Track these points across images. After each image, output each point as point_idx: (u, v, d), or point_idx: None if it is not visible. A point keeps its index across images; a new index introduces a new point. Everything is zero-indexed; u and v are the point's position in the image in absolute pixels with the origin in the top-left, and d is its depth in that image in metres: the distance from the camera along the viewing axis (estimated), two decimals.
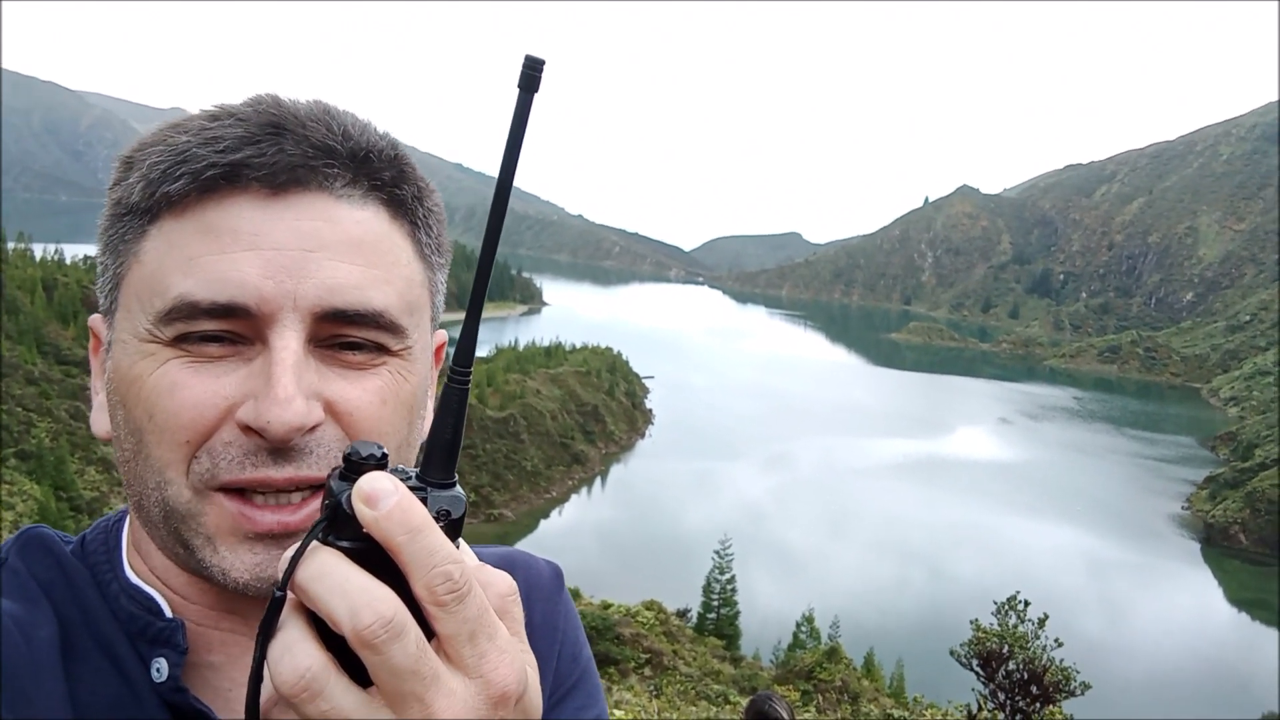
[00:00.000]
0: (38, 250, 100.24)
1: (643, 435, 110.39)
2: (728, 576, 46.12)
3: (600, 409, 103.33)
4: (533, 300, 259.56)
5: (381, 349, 0.79)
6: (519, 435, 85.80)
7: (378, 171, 0.80)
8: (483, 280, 0.58)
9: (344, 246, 0.77)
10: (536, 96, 0.56)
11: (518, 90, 0.56)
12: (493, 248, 0.57)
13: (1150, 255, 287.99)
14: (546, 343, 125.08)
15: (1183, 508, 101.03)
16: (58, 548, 0.84)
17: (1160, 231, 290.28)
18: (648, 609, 27.08)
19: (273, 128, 0.76)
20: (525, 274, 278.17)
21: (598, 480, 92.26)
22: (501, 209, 0.57)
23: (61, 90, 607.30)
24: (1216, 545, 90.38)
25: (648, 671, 21.00)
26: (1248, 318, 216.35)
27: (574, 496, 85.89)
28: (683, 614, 36.97)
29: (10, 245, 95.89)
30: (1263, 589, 79.88)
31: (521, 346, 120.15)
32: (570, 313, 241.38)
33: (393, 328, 0.79)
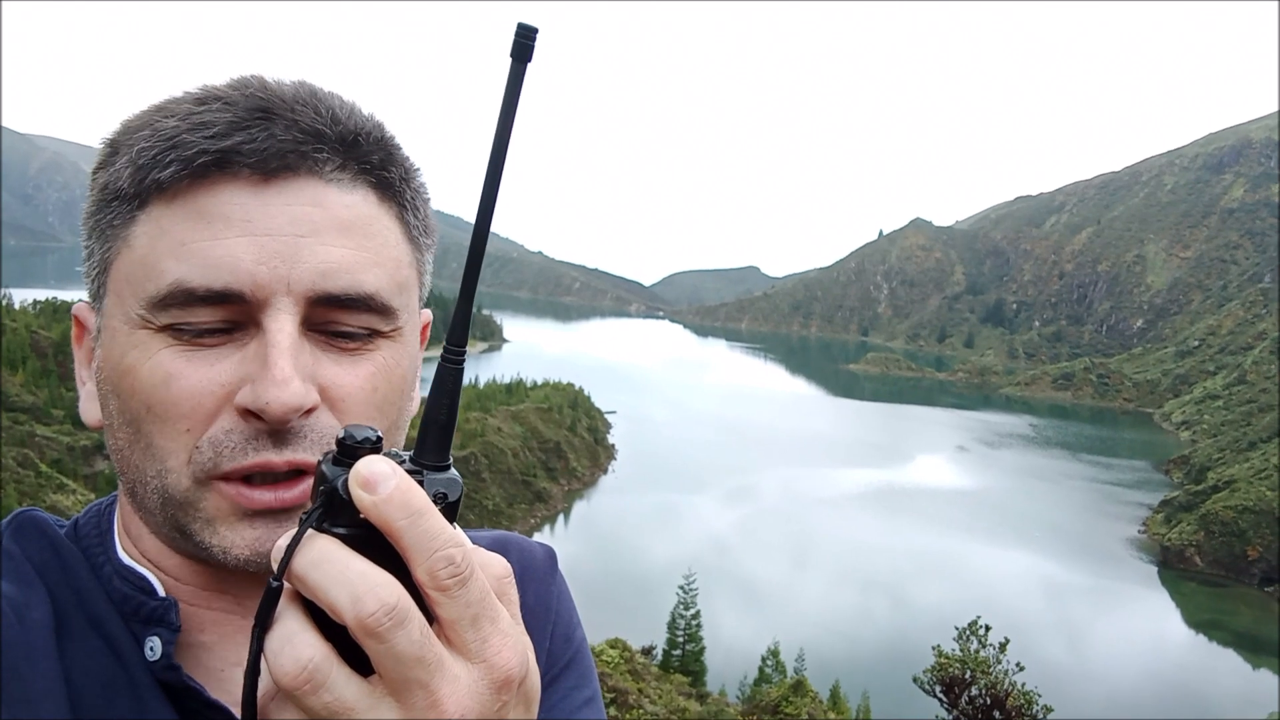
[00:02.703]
0: None
1: (605, 471, 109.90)
2: (693, 612, 45.87)
3: (562, 445, 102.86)
4: (493, 337, 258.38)
5: (374, 332, 0.80)
6: (480, 474, 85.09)
7: (366, 155, 0.81)
8: (477, 257, 0.58)
9: (335, 230, 0.77)
10: (530, 66, 0.56)
11: (510, 60, 0.56)
12: (487, 221, 0.57)
13: (1100, 283, 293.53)
14: (507, 380, 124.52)
15: (1139, 531, 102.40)
16: (51, 530, 0.84)
17: (1109, 260, 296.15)
18: (612, 647, 26.78)
19: (261, 112, 0.76)
20: (485, 311, 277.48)
21: (560, 518, 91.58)
22: (496, 179, 0.57)
23: (10, 134, 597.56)
24: (1173, 568, 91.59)
25: (612, 711, 20.77)
26: (1196, 343, 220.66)
27: (537, 535, 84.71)
28: (648, 651, 36.64)
29: None
30: (1219, 610, 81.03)
31: (482, 384, 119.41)
32: (531, 349, 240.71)
33: (384, 310, 0.80)
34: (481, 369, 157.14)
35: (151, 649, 0.77)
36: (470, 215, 0.60)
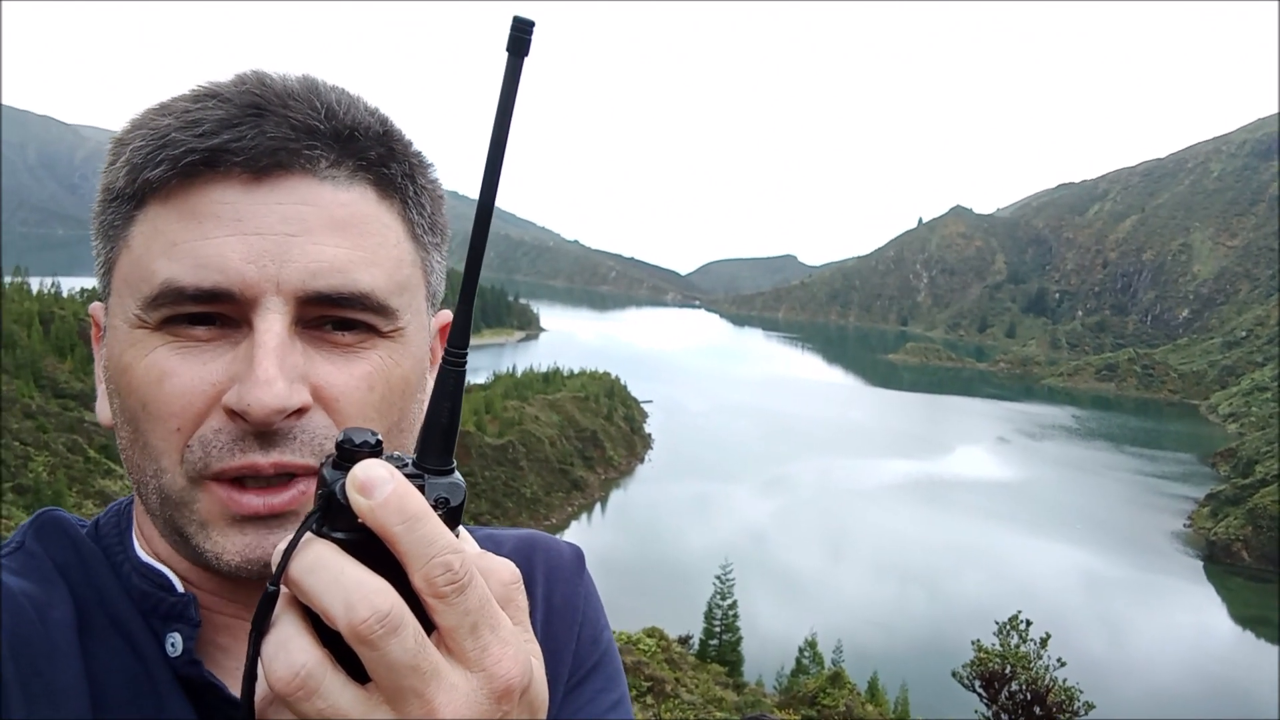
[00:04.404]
0: (35, 284, 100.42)
1: (642, 460, 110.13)
2: (729, 601, 45.84)
3: (599, 434, 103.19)
4: (530, 326, 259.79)
5: (371, 330, 0.79)
6: (518, 462, 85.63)
7: (364, 150, 0.79)
8: (476, 257, 0.57)
9: (328, 228, 0.76)
10: (526, 61, 0.54)
11: (506, 54, 0.54)
12: (486, 221, 0.56)
13: (1145, 273, 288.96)
14: (544, 368, 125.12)
15: (1184, 525, 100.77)
16: (73, 529, 0.85)
17: (1154, 249, 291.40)
18: (649, 636, 26.87)
19: (254, 109, 0.75)
20: (522, 300, 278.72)
21: (597, 506, 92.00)
22: (494, 179, 0.56)
23: (57, 124, 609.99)
24: (1219, 562, 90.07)
25: (649, 700, 20.82)
26: (1244, 334, 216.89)
27: (574, 523, 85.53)
28: (684, 640, 36.67)
29: (7, 279, 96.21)
30: (1266, 606, 79.56)
31: (519, 373, 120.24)
32: (568, 338, 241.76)
33: (381, 309, 0.78)
34: (519, 357, 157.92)
35: (173, 645, 0.78)
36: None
